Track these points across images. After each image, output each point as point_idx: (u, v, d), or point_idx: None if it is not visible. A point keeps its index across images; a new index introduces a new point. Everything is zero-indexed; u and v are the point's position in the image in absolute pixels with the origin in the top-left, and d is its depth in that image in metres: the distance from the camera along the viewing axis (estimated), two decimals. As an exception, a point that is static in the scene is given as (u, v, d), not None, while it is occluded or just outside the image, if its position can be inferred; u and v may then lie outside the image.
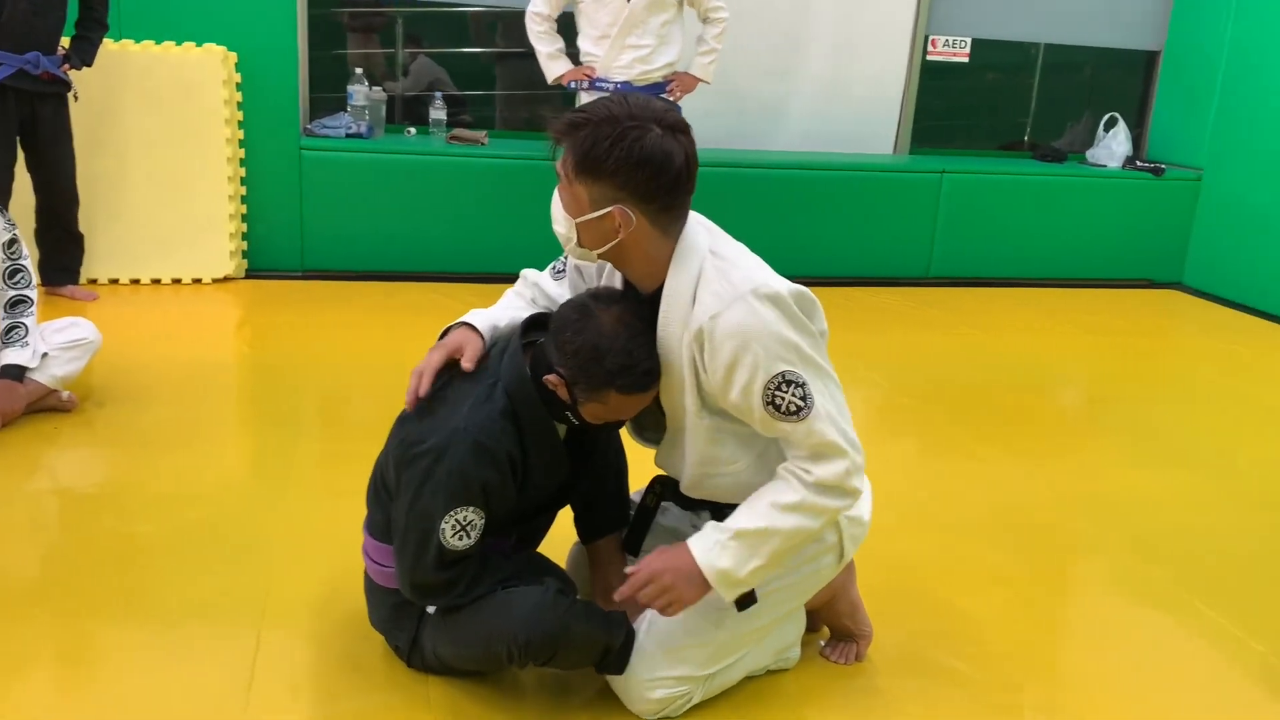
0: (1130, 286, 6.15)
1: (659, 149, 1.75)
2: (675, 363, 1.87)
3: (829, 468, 1.83)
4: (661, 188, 1.78)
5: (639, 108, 1.78)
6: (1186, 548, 2.92)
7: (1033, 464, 3.46)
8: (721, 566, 1.86)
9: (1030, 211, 5.91)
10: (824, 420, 1.82)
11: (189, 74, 4.67)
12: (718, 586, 1.87)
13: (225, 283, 4.90)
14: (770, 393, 1.79)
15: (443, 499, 1.86)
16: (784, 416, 1.81)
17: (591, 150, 1.76)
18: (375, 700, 2.03)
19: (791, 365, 1.79)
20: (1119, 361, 4.78)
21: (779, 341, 1.78)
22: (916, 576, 2.64)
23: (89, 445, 3.12)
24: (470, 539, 1.88)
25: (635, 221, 1.80)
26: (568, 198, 1.85)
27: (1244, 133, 5.80)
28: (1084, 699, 2.20)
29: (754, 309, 1.78)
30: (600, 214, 1.80)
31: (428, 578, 1.92)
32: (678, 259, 1.85)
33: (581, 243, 1.87)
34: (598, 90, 4.32)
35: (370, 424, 3.43)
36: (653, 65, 4.37)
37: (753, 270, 1.85)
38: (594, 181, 1.79)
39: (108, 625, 2.23)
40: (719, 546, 1.86)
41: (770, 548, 1.85)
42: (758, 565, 1.86)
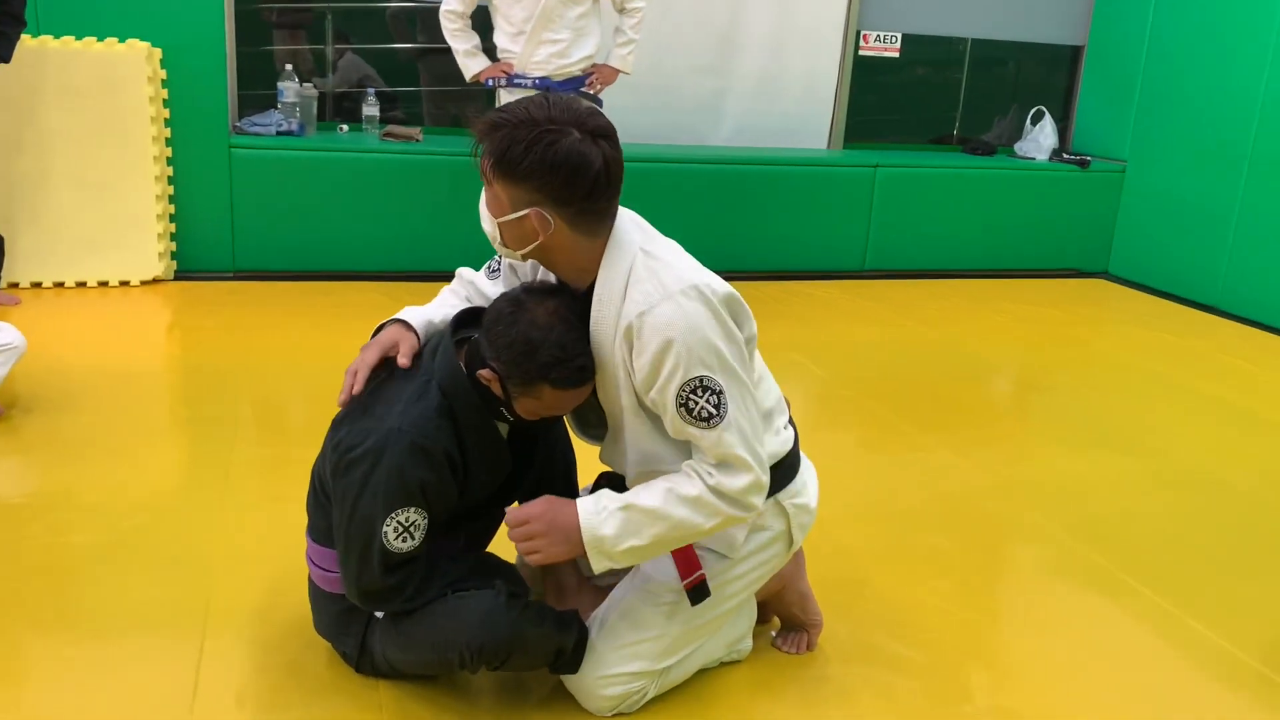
0: (1058, 276, 6.28)
1: (575, 153, 1.73)
2: (609, 361, 1.86)
3: (731, 479, 1.83)
4: (578, 192, 1.76)
5: (560, 110, 1.76)
6: (1123, 530, 2.98)
7: (971, 452, 3.51)
8: (602, 533, 1.84)
9: (961, 204, 6.01)
10: (733, 432, 1.81)
11: (112, 70, 4.55)
12: (590, 552, 1.85)
13: (154, 285, 4.78)
14: (685, 395, 1.78)
15: (382, 502, 1.83)
16: (694, 421, 1.80)
17: (508, 152, 1.74)
18: (324, 707, 1.99)
19: (710, 371, 1.78)
20: (1051, 350, 4.88)
21: (703, 345, 1.77)
22: (861, 566, 2.67)
23: (16, 454, 3.02)
24: (414, 540, 1.86)
25: (554, 224, 1.79)
26: (489, 197, 1.84)
27: (1166, 125, 5.96)
28: (1030, 682, 2.25)
29: (682, 308, 1.77)
30: (519, 215, 1.79)
31: (374, 583, 1.88)
32: (609, 257, 1.84)
33: (505, 242, 1.86)
34: (515, 87, 4.27)
35: (307, 428, 3.39)
36: (570, 59, 4.30)
37: (684, 270, 1.84)
38: (511, 184, 1.77)
39: (41, 638, 2.16)
40: (606, 514, 1.85)
41: (654, 531, 1.84)
42: (636, 544, 1.84)
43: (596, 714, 2.01)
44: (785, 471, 2.05)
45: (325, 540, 2.03)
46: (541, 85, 4.23)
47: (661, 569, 2.02)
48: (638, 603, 2.02)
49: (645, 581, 2.03)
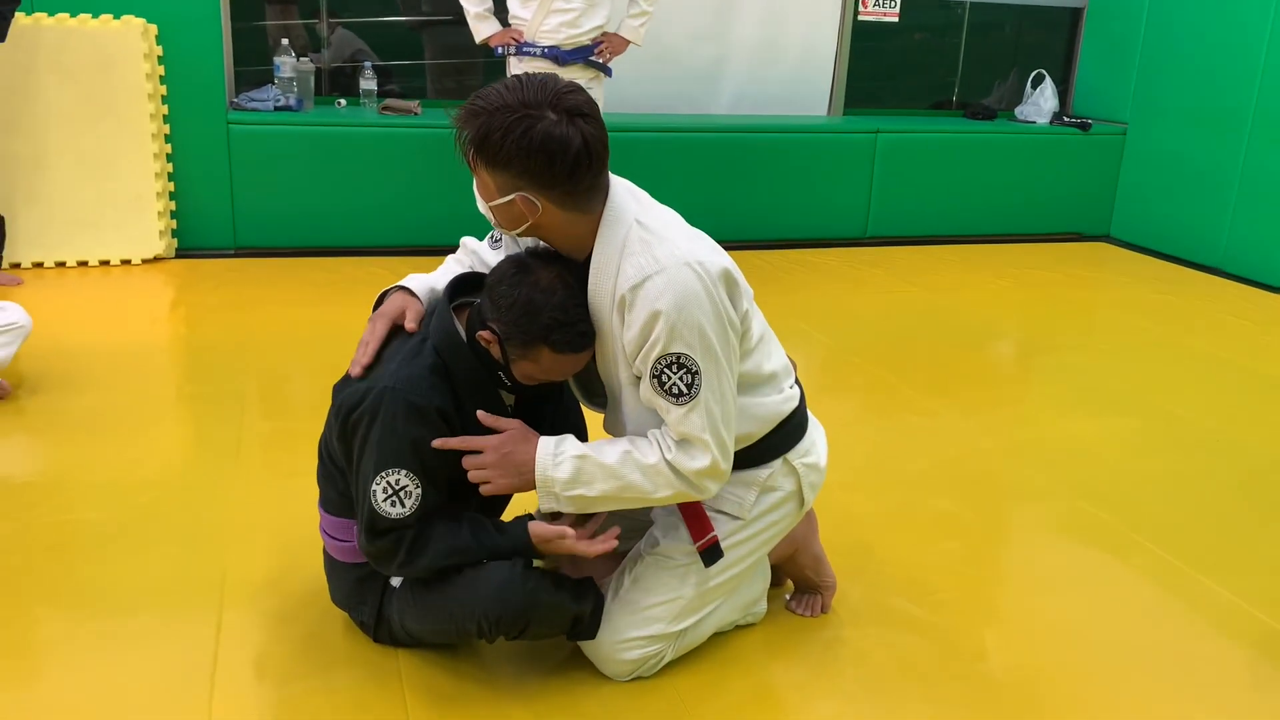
0: (1060, 240, 6.27)
1: (551, 137, 1.71)
2: (607, 332, 1.86)
3: (688, 459, 1.84)
4: (559, 174, 1.75)
5: (534, 92, 1.73)
6: (1131, 490, 2.99)
7: (976, 415, 3.52)
8: (553, 475, 1.85)
9: (963, 169, 5.99)
10: (700, 414, 1.81)
11: (107, 48, 4.52)
12: (539, 490, 1.87)
13: (155, 263, 4.77)
14: (660, 368, 1.79)
15: (373, 460, 1.83)
16: (664, 395, 1.81)
17: (486, 140, 1.74)
18: (344, 676, 2.00)
19: (690, 350, 1.78)
20: (1054, 313, 4.88)
21: (688, 322, 1.77)
22: (871, 529, 2.68)
23: (24, 433, 3.03)
24: (404, 508, 1.83)
25: (540, 206, 1.78)
26: (478, 182, 1.83)
27: (1167, 87, 5.93)
28: (1043, 639, 2.26)
29: (673, 283, 1.76)
30: (506, 200, 1.78)
31: (365, 546, 1.88)
32: (603, 229, 1.84)
33: (500, 224, 1.86)
34: (525, 55, 4.25)
35: (313, 402, 3.39)
36: (580, 29, 4.25)
37: (677, 243, 1.82)
38: (494, 169, 1.77)
39: (59, 615, 2.17)
40: (563, 458, 1.86)
41: (604, 487, 1.85)
42: (584, 493, 1.86)
43: (615, 678, 2.02)
44: (793, 430, 2.05)
45: (336, 510, 2.04)
46: (551, 54, 4.21)
47: (673, 533, 2.02)
48: (651, 567, 2.03)
49: (658, 545, 2.04)
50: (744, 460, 1.97)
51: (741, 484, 2.00)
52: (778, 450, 2.03)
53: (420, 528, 1.85)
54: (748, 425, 1.96)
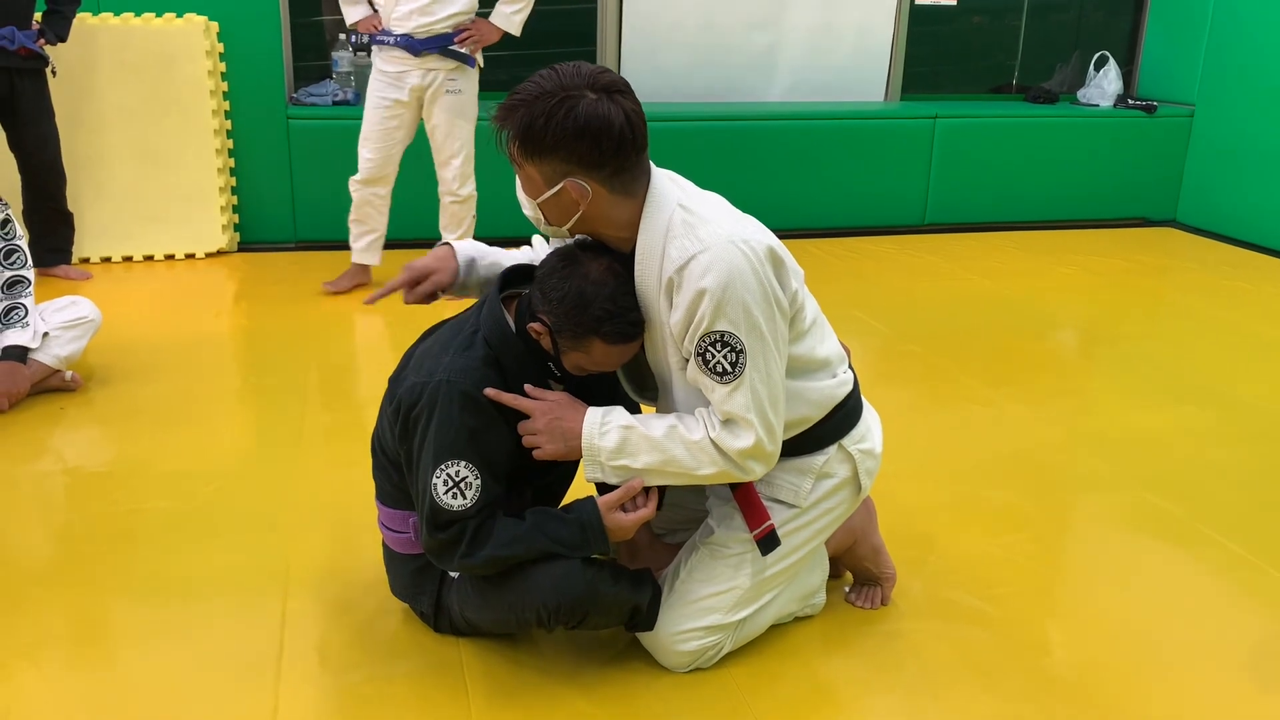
0: (1125, 225, 6.14)
1: (595, 115, 1.72)
2: (655, 319, 1.86)
3: (732, 438, 1.83)
4: (606, 153, 1.75)
5: (569, 76, 1.75)
6: (1199, 482, 2.93)
7: (1040, 405, 3.46)
8: (599, 444, 1.86)
9: (1024, 154, 5.89)
10: (744, 394, 1.79)
11: (170, 46, 4.60)
12: (585, 458, 1.88)
13: (218, 257, 4.85)
14: (704, 345, 1.78)
15: (432, 452, 1.84)
16: (709, 373, 1.80)
17: (529, 130, 1.74)
18: (407, 665, 2.03)
19: (734, 328, 1.76)
20: (1119, 300, 4.79)
21: (734, 301, 1.75)
22: (931, 520, 2.65)
23: (96, 424, 3.10)
24: (465, 500, 1.84)
25: (590, 190, 1.78)
26: (523, 179, 1.84)
27: (1235, 67, 5.77)
28: (1109, 634, 2.22)
29: (718, 262, 1.75)
30: (555, 190, 1.79)
31: (427, 540, 1.89)
32: (647, 215, 1.83)
33: (549, 221, 1.86)
34: (379, 44, 4.10)
35: (373, 394, 3.41)
36: (434, 17, 4.03)
37: (721, 222, 1.82)
38: (541, 160, 1.77)
39: (131, 602, 2.22)
40: (610, 428, 1.86)
41: (649, 459, 1.85)
42: (628, 464, 1.86)
43: (673, 669, 2.02)
44: (847, 415, 2.04)
45: (392, 503, 2.06)
46: (404, 43, 4.06)
47: (729, 522, 2.02)
48: (708, 557, 2.02)
49: (713, 535, 2.03)
50: (799, 447, 1.96)
51: (797, 471, 1.99)
52: (833, 436, 2.02)
53: (481, 519, 1.86)
54: (802, 409, 1.94)
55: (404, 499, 2.02)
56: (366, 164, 4.29)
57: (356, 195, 4.35)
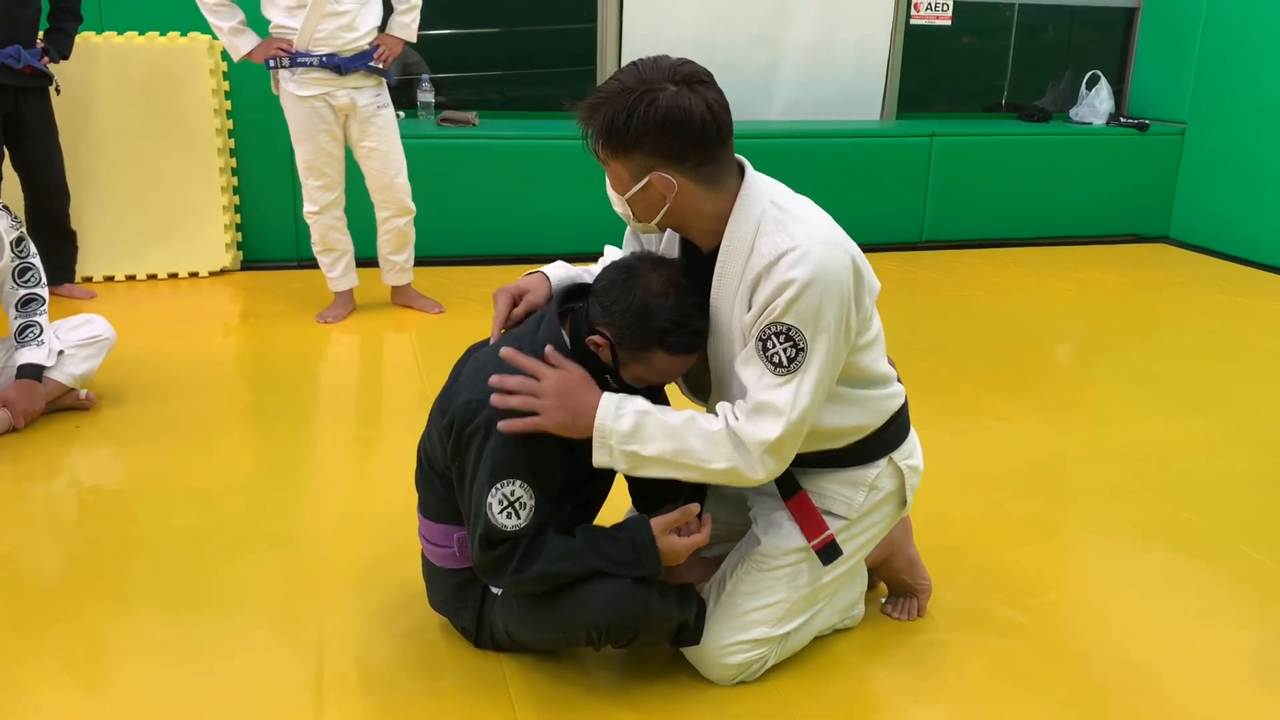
0: (1118, 242, 6.21)
1: (675, 107, 1.73)
2: (728, 316, 1.86)
3: (756, 428, 1.78)
4: (688, 144, 1.76)
5: (649, 70, 1.76)
6: (1218, 492, 2.95)
7: (1054, 418, 3.49)
8: (611, 426, 1.79)
9: (1019, 171, 5.95)
10: (791, 390, 1.77)
11: (174, 64, 4.59)
12: (595, 439, 1.80)
13: (222, 275, 4.83)
14: (769, 333, 1.77)
15: (488, 471, 1.83)
16: (763, 359, 1.78)
17: (612, 127, 1.75)
18: (450, 681, 2.02)
19: (803, 326, 1.75)
20: (1119, 315, 4.83)
21: (811, 299, 1.75)
22: (959, 532, 2.66)
23: (112, 442, 3.07)
24: (520, 519, 1.83)
25: (676, 183, 1.78)
26: (610, 177, 1.85)
27: (1226, 85, 5.86)
28: (1148, 642, 2.23)
29: (807, 257, 1.75)
30: (642, 185, 1.79)
31: (479, 558, 1.88)
32: (738, 209, 1.84)
33: (637, 217, 1.86)
34: (300, 66, 3.91)
35: (387, 410, 3.43)
36: (358, 32, 3.92)
37: (813, 223, 1.83)
38: (625, 155, 1.78)
39: (165, 619, 2.20)
40: (626, 412, 1.81)
41: (662, 447, 1.80)
42: (638, 451, 1.80)
43: (719, 683, 2.02)
44: (899, 429, 2.06)
45: (436, 516, 2.05)
46: (330, 63, 3.91)
47: (776, 532, 2.02)
48: (753, 570, 2.02)
49: (759, 547, 2.03)
50: (853, 458, 1.97)
51: (850, 483, 2.00)
52: (884, 449, 2.03)
53: (533, 537, 1.86)
54: (864, 417, 1.95)
55: (448, 513, 2.01)
56: (317, 192, 4.13)
57: (316, 226, 4.19)
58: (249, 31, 4.00)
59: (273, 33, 3.98)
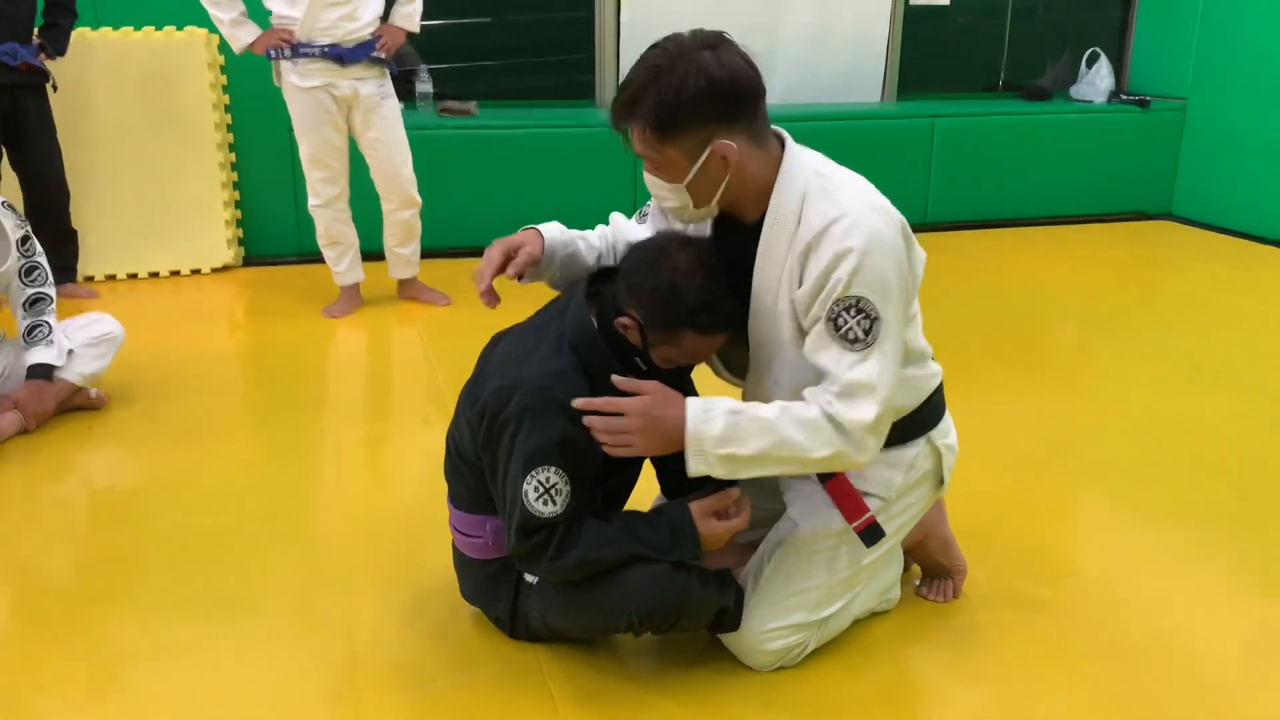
0: (1122, 219, 6.19)
1: (719, 65, 1.71)
2: (772, 288, 1.83)
3: (852, 409, 1.74)
4: (741, 101, 1.74)
5: (675, 44, 1.74)
6: (1244, 465, 2.94)
7: (1072, 395, 3.47)
8: (705, 432, 1.74)
9: (1021, 151, 5.93)
10: (875, 363, 1.74)
11: (172, 59, 4.54)
12: (689, 450, 1.76)
13: (225, 271, 4.78)
14: (838, 310, 1.73)
15: (522, 459, 1.80)
16: (839, 339, 1.74)
17: (660, 109, 1.71)
18: (486, 673, 1.99)
19: (871, 294, 1.72)
20: (1127, 292, 4.82)
21: (874, 268, 1.72)
22: (989, 511, 2.64)
23: (126, 442, 3.03)
24: (556, 506, 1.80)
25: (736, 146, 1.75)
26: (664, 168, 1.79)
27: (1226, 60, 5.84)
28: (1178, 617, 2.21)
29: (860, 227, 1.72)
30: (702, 160, 1.76)
31: (515, 546, 1.85)
32: (783, 178, 1.81)
33: (698, 203, 1.82)
34: (302, 57, 3.87)
35: (398, 404, 3.40)
36: (360, 22, 3.87)
37: (859, 190, 1.81)
38: (681, 134, 1.74)
39: (195, 619, 2.16)
40: (715, 414, 1.76)
41: (759, 444, 1.74)
42: (737, 452, 1.75)
43: (758, 669, 2.00)
44: (935, 409, 2.04)
45: (467, 506, 2.02)
46: (332, 53, 3.86)
47: (813, 516, 1.99)
48: (792, 554, 1.99)
49: (796, 531, 2.00)
50: (891, 439, 1.94)
51: (887, 464, 1.97)
52: (922, 429, 2.01)
53: (570, 523, 1.83)
54: (906, 398, 1.93)
55: (480, 503, 1.98)
56: (321, 185, 4.08)
57: (321, 219, 4.14)
58: (250, 23, 3.96)
59: (274, 24, 3.94)
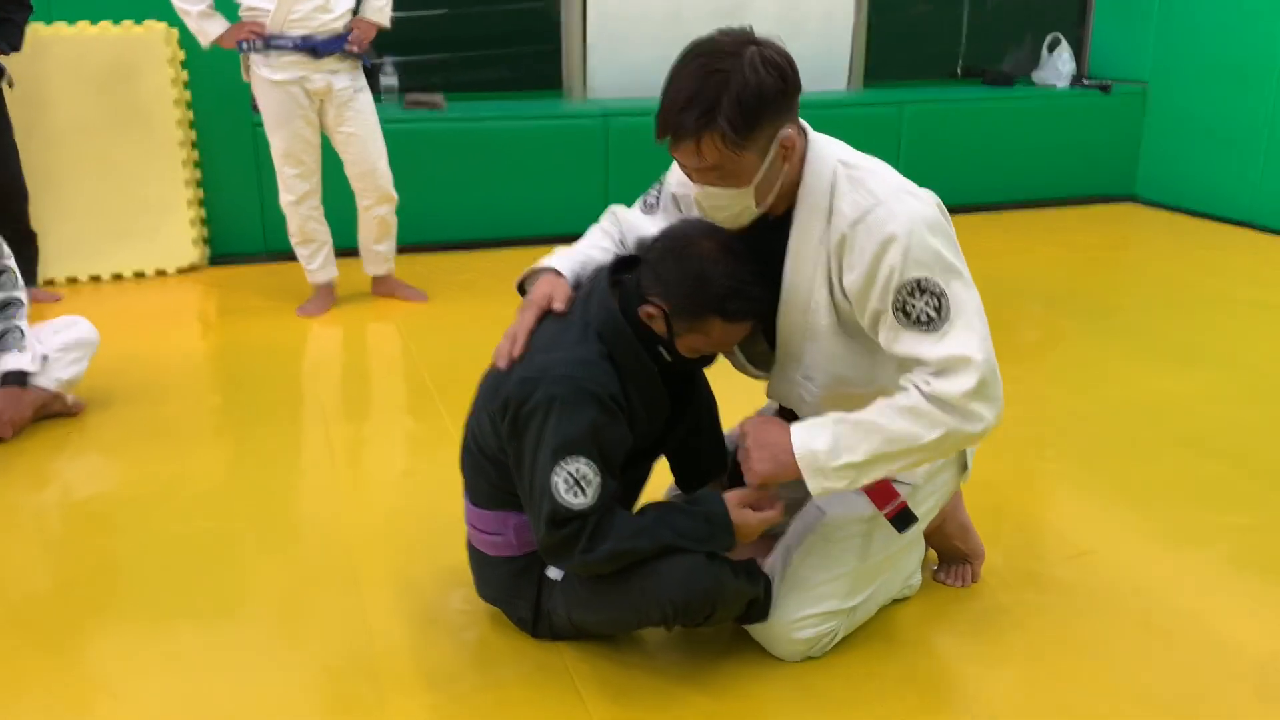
0: (1086, 202, 6.25)
1: (779, 54, 1.69)
2: (803, 281, 1.81)
3: (951, 383, 1.70)
4: (798, 91, 1.71)
5: (716, 47, 1.68)
6: (1236, 439, 2.97)
7: (1061, 378, 3.49)
8: (815, 447, 1.73)
9: (988, 136, 5.96)
10: (959, 332, 1.70)
11: (130, 55, 4.41)
12: (804, 469, 1.74)
13: (190, 272, 4.66)
14: (902, 298, 1.70)
15: (550, 449, 1.76)
16: (913, 325, 1.71)
17: (743, 111, 1.65)
18: (511, 673, 1.94)
19: (930, 273, 1.70)
20: (1098, 274, 4.86)
21: (921, 246, 1.69)
22: (995, 494, 2.63)
23: (108, 448, 2.93)
24: (586, 497, 1.76)
25: (795, 139, 1.73)
26: (736, 174, 1.72)
27: (1185, 43, 5.91)
28: (1199, 590, 2.22)
29: (897, 211, 1.70)
30: (773, 155, 1.72)
31: (546, 538, 1.80)
32: (809, 171, 1.78)
33: (760, 200, 1.78)
34: (274, 50, 3.77)
35: (380, 401, 3.35)
36: (334, 14, 3.78)
37: (887, 176, 1.79)
38: (757, 133, 1.68)
39: (205, 626, 2.09)
40: (819, 428, 1.75)
41: (870, 446, 1.72)
42: (852, 460, 1.73)
43: (788, 659, 1.97)
44: None
45: (487, 503, 1.97)
46: (305, 45, 3.76)
47: (840, 503, 1.97)
48: (821, 541, 1.97)
49: (822, 519, 1.98)
50: None
51: None
52: None
53: (601, 514, 1.79)
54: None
55: (501, 499, 1.93)
56: (294, 181, 3.98)
57: (294, 216, 4.04)
58: (218, 15, 3.85)
59: (243, 16, 3.83)
